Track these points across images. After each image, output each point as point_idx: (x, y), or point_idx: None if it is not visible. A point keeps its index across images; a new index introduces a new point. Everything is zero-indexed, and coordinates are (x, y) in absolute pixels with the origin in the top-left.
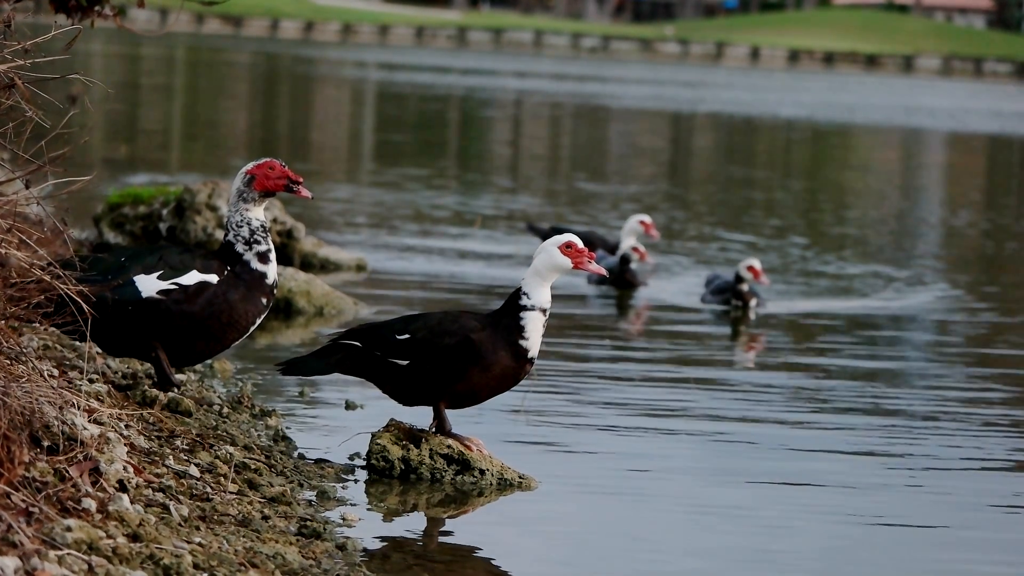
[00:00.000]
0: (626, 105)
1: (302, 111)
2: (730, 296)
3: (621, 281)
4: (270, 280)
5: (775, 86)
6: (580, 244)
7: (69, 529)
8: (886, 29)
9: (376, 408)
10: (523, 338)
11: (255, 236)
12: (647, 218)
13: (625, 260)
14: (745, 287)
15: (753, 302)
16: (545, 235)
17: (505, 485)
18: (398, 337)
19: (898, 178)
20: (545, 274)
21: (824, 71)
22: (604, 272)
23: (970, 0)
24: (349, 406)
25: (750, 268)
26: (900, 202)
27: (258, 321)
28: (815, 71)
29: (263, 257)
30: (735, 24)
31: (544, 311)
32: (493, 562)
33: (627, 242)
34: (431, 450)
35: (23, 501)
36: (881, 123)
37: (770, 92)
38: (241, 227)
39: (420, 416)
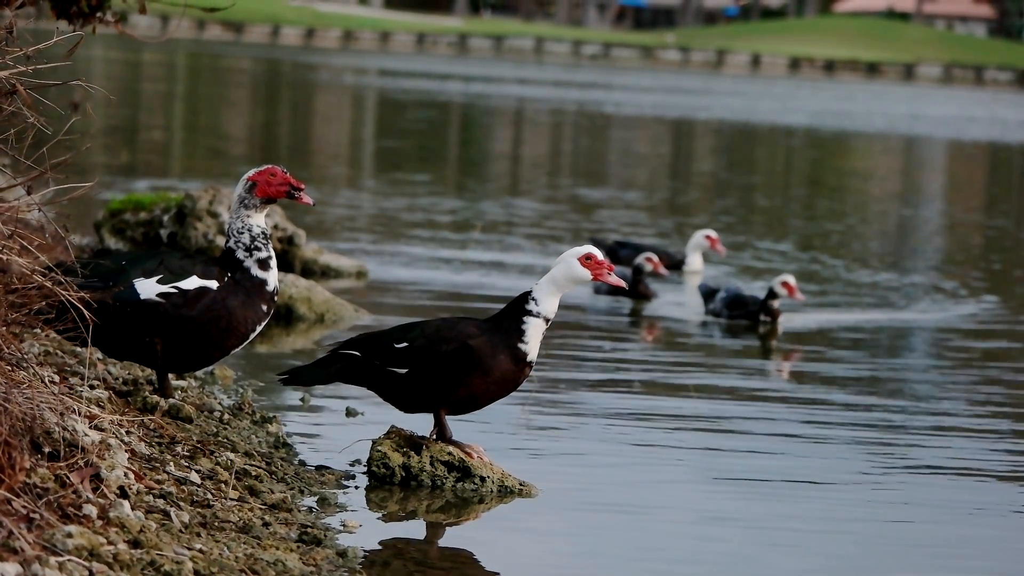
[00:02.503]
0: (627, 112)
1: (303, 117)
2: (759, 311)
3: (634, 292)
4: (270, 287)
5: (776, 93)
6: (600, 256)
7: (70, 535)
8: (887, 37)
9: (377, 415)
10: (523, 342)
11: (256, 243)
12: (713, 233)
13: (638, 271)
14: (776, 303)
15: (781, 319)
16: (609, 250)
17: (506, 492)
18: (396, 346)
19: (907, 186)
20: (562, 284)
21: (825, 79)
22: (623, 284)
23: (971, 8)
24: (350, 413)
25: (784, 284)
26: (911, 210)
27: (258, 328)
28: (816, 79)
29: (264, 264)
30: (736, 32)
31: (547, 321)
32: (493, 569)
33: (693, 257)
34: (432, 457)
35: (24, 507)
36: (883, 131)
37: (771, 100)
38: (242, 233)
39: (421, 423)
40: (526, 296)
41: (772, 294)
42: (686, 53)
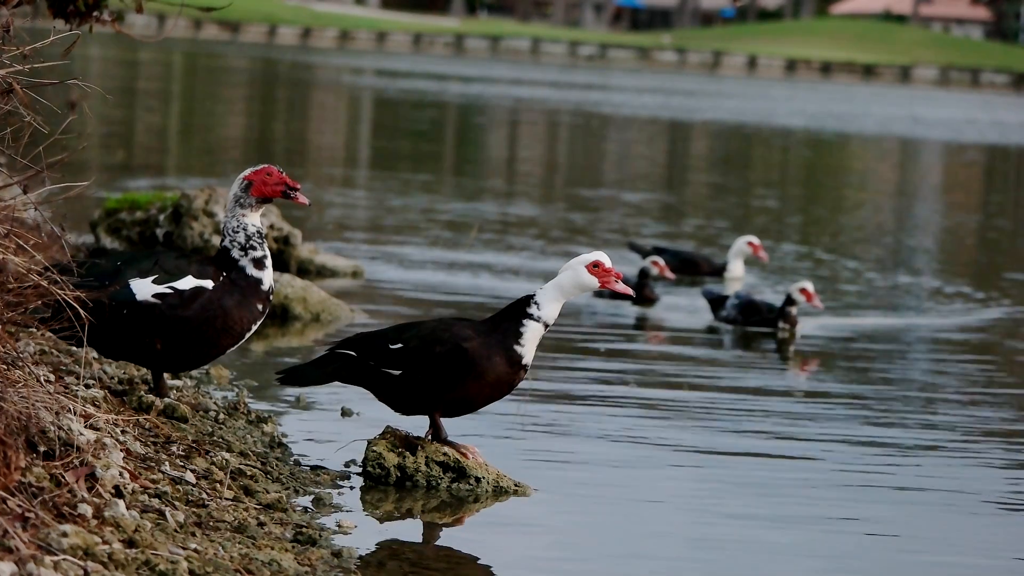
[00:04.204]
0: (623, 113)
1: (299, 117)
2: (776, 317)
3: (639, 296)
4: (266, 286)
5: (773, 95)
6: (608, 263)
7: (65, 535)
8: (883, 39)
9: (372, 415)
10: (519, 344)
11: (251, 242)
12: (755, 239)
13: (644, 274)
14: (794, 310)
15: (799, 326)
16: (647, 255)
17: (501, 492)
18: (391, 347)
19: (906, 189)
20: (568, 291)
21: (821, 81)
22: (631, 292)
23: (968, 11)
24: (345, 413)
25: (802, 291)
26: (912, 213)
27: (254, 327)
28: (812, 80)
29: (259, 263)
30: (732, 33)
31: (547, 326)
32: (488, 569)
33: (734, 264)
34: (427, 457)
35: (19, 506)
36: (880, 133)
37: (768, 101)
38: (237, 233)
39: (416, 423)
40: (528, 299)
41: (790, 300)
42: (682, 54)
